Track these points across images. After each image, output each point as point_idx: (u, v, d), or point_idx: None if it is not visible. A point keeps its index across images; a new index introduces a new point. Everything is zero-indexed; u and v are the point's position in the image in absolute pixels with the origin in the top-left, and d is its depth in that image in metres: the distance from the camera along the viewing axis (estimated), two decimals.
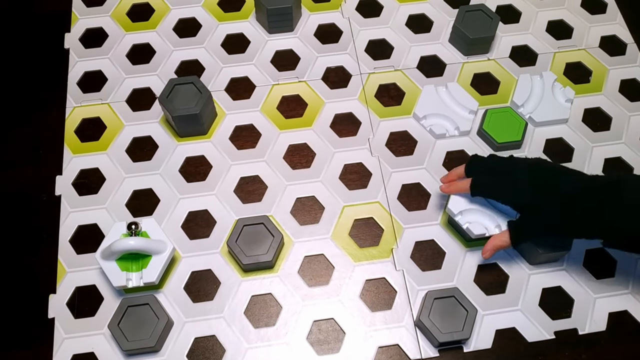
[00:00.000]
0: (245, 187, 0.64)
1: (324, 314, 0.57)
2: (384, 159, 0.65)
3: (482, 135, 0.66)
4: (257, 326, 0.57)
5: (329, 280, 0.59)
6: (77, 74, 0.70)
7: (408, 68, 0.71)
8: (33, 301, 0.58)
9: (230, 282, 0.59)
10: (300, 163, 0.65)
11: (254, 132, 0.67)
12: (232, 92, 0.69)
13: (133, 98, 0.69)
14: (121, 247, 0.54)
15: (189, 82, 0.64)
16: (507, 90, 0.70)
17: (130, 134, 0.66)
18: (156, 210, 0.62)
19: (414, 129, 0.67)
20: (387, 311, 0.58)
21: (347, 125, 0.67)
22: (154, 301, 0.55)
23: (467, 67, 0.71)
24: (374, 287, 0.59)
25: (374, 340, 0.56)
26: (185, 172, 0.64)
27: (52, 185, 0.63)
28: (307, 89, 0.69)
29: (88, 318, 0.57)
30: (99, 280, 0.59)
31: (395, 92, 0.69)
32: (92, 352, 0.56)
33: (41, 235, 0.61)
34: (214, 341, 0.56)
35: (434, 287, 0.58)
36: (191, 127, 0.65)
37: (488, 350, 0.56)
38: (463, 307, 0.55)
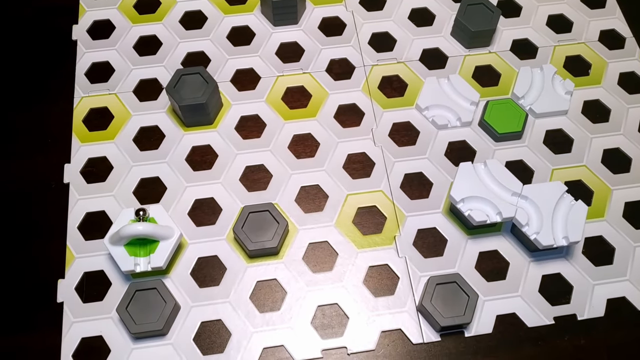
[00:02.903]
0: (251, 176, 0.65)
1: (327, 299, 0.59)
2: (387, 149, 0.66)
3: (483, 126, 0.67)
4: (263, 311, 0.58)
5: (333, 266, 0.60)
6: (85, 65, 0.71)
7: (411, 60, 0.72)
8: (42, 286, 0.59)
9: (235, 268, 0.60)
10: (305, 152, 0.66)
11: (259, 122, 0.68)
12: (237, 83, 0.70)
13: (140, 88, 0.70)
14: (129, 232, 0.55)
15: (195, 72, 0.65)
16: (508, 82, 0.71)
17: (138, 123, 0.67)
18: (163, 197, 0.63)
19: (416, 119, 0.68)
20: (390, 297, 0.59)
21: (350, 115, 0.68)
22: (162, 286, 0.56)
23: (468, 59, 0.72)
24: (377, 273, 0.60)
25: (377, 325, 0.57)
26: (192, 161, 0.65)
27: (60, 174, 0.64)
28: (312, 81, 0.70)
29: (96, 302, 0.58)
30: (107, 266, 0.60)
31: (398, 84, 0.70)
32: (100, 335, 0.57)
33: (50, 222, 0.62)
34: (220, 325, 0.57)
35: (435, 273, 0.59)
36: (197, 116, 0.66)
37: (489, 335, 0.57)
38: (464, 292, 0.56)
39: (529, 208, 0.59)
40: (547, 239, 0.57)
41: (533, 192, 0.59)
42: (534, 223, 0.58)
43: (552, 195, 0.59)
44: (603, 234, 0.62)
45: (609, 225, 0.62)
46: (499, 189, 0.60)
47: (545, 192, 0.59)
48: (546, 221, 0.58)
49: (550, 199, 0.59)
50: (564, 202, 0.59)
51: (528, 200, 0.59)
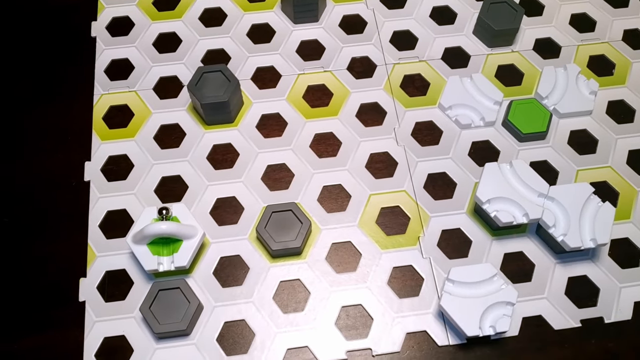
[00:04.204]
0: (272, 175, 0.64)
1: (351, 300, 0.58)
2: (409, 149, 0.65)
3: (507, 126, 0.67)
4: (286, 311, 0.57)
5: (357, 267, 0.60)
6: (104, 62, 0.71)
7: (432, 59, 0.71)
8: (64, 284, 0.58)
9: (258, 267, 0.59)
10: (327, 152, 0.65)
11: (280, 120, 0.67)
12: (258, 81, 0.70)
13: (160, 86, 0.69)
14: (153, 231, 0.55)
15: (217, 70, 0.65)
16: (531, 82, 0.70)
17: (158, 121, 0.67)
18: (185, 196, 0.63)
19: (439, 119, 0.67)
20: (415, 298, 0.58)
21: (372, 114, 0.68)
22: (185, 285, 0.56)
23: (491, 58, 0.72)
24: (401, 274, 0.59)
25: (401, 327, 0.57)
26: (213, 160, 0.65)
27: (81, 171, 0.64)
28: (333, 79, 0.70)
29: (118, 302, 0.58)
30: (129, 265, 0.59)
31: (420, 83, 0.70)
32: (122, 335, 0.56)
33: (71, 220, 0.62)
34: (244, 325, 0.57)
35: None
36: (219, 115, 0.65)
37: (515, 338, 0.57)
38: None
39: (556, 209, 0.58)
40: (575, 240, 0.57)
41: (560, 194, 0.59)
42: (561, 225, 0.58)
43: (579, 197, 0.59)
44: (629, 235, 0.61)
45: (635, 227, 0.62)
46: (525, 189, 0.59)
47: (572, 194, 0.59)
48: (573, 223, 0.57)
49: (577, 201, 0.58)
50: (591, 204, 0.58)
51: (555, 202, 0.58)
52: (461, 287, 0.56)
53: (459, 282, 0.56)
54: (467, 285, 0.56)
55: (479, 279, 0.56)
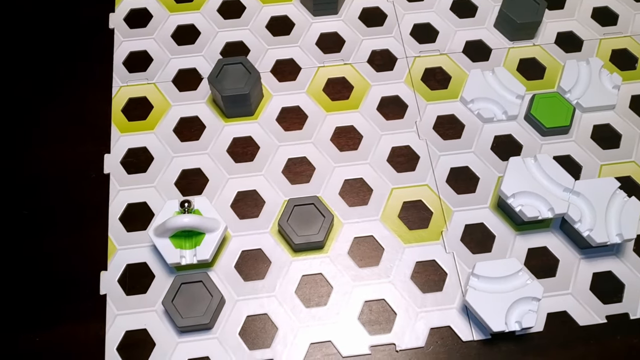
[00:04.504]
0: (293, 168, 0.64)
1: (374, 295, 0.57)
2: (431, 142, 0.65)
3: (529, 120, 0.66)
4: (309, 305, 0.57)
5: (379, 261, 0.59)
6: (123, 53, 0.70)
7: (454, 52, 0.71)
8: (85, 278, 0.58)
9: (280, 261, 0.59)
10: (348, 145, 0.65)
11: (300, 113, 0.67)
12: (277, 74, 0.69)
13: (179, 78, 0.69)
14: (176, 224, 0.54)
15: (237, 62, 0.64)
16: (553, 75, 0.69)
17: (177, 114, 0.66)
18: (205, 189, 0.62)
19: (461, 112, 0.67)
20: (438, 293, 0.58)
21: (393, 108, 0.67)
22: (207, 279, 0.55)
23: (512, 52, 0.71)
24: (424, 269, 0.59)
25: (425, 322, 0.56)
26: (233, 153, 0.64)
27: (100, 164, 0.63)
28: (353, 72, 0.69)
29: (139, 295, 0.57)
30: (150, 258, 0.59)
31: (442, 76, 0.69)
32: (144, 328, 0.56)
33: (91, 213, 0.61)
34: (266, 320, 0.56)
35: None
36: (239, 107, 0.64)
37: (539, 334, 0.56)
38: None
39: (582, 204, 0.58)
40: (601, 236, 0.56)
41: (585, 188, 0.58)
42: (587, 220, 0.57)
43: (604, 192, 0.58)
44: None
45: None
46: (550, 184, 0.58)
47: (597, 188, 0.58)
48: (599, 218, 0.57)
49: (602, 195, 0.58)
50: (617, 199, 0.58)
51: (580, 196, 0.58)
52: (486, 282, 0.55)
53: (484, 277, 0.55)
54: (492, 280, 0.55)
55: (504, 274, 0.55)
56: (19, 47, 0.71)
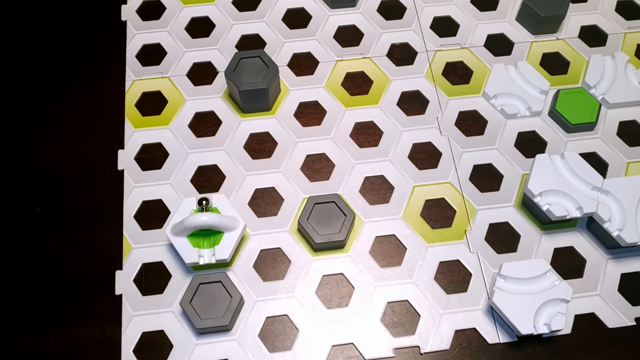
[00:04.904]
0: (312, 165, 0.62)
1: (397, 296, 0.56)
2: (453, 139, 0.63)
3: (554, 116, 0.64)
4: (330, 306, 0.55)
5: (402, 261, 0.57)
6: (136, 46, 0.68)
7: (475, 46, 0.69)
8: (100, 277, 0.56)
9: (300, 261, 0.57)
10: (368, 141, 0.63)
11: (319, 108, 0.65)
12: (294, 68, 0.67)
13: (194, 72, 0.67)
14: (194, 223, 0.53)
15: (255, 55, 0.62)
16: (578, 70, 0.67)
17: (193, 108, 0.65)
18: (222, 186, 0.60)
19: (483, 108, 0.65)
20: (463, 294, 0.56)
21: (414, 103, 0.65)
22: (226, 279, 0.54)
23: (535, 46, 0.69)
24: (448, 269, 0.57)
25: (449, 323, 0.55)
26: (250, 149, 0.63)
27: (114, 160, 0.62)
28: (372, 66, 0.67)
29: (156, 295, 0.56)
30: (166, 257, 0.57)
31: (463, 71, 0.67)
32: (161, 329, 0.54)
33: (105, 210, 0.60)
34: (286, 321, 0.55)
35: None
36: (256, 102, 0.63)
37: (567, 336, 0.55)
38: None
39: (611, 203, 0.56)
40: (632, 236, 0.54)
41: (614, 187, 0.56)
42: (617, 219, 0.55)
43: (634, 190, 0.56)
44: None
45: None
46: (577, 182, 0.57)
47: (627, 187, 0.56)
48: (629, 217, 0.55)
49: (632, 194, 0.56)
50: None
51: (609, 195, 0.56)
52: (513, 283, 0.54)
53: (511, 278, 0.54)
54: (519, 282, 0.54)
55: (531, 274, 0.54)
56: (29, 40, 0.69)
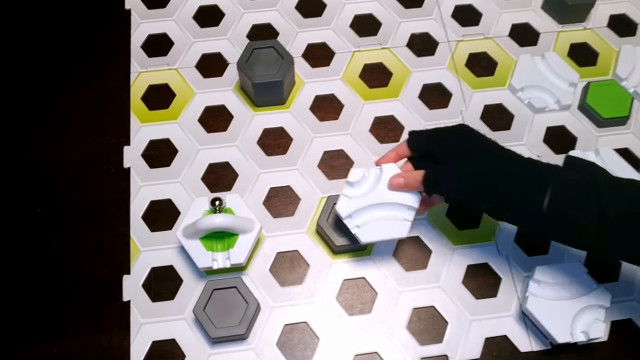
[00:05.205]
0: (330, 162, 0.59)
1: (423, 301, 0.53)
2: None
3: (584, 110, 0.61)
4: (352, 313, 0.52)
5: (427, 264, 0.54)
6: (141, 36, 0.64)
7: (499, 36, 0.65)
8: (106, 282, 0.53)
9: (319, 264, 0.54)
10: (388, 137, 0.60)
11: (336, 102, 0.61)
12: (309, 59, 0.64)
13: (203, 63, 0.63)
14: (208, 225, 0.49)
15: (269, 46, 0.59)
16: (607, 62, 0.64)
17: (202, 102, 0.61)
18: (235, 185, 0.57)
19: (509, 101, 0.62)
20: (492, 299, 0.53)
21: (436, 96, 0.62)
22: (242, 284, 0.50)
23: (562, 36, 0.66)
24: (476, 273, 0.54)
25: (479, 331, 0.52)
26: (264, 145, 0.59)
27: (119, 157, 0.58)
28: (391, 57, 0.64)
29: (167, 302, 0.52)
30: (177, 260, 0.54)
31: (487, 62, 0.64)
32: (173, 338, 0.51)
33: (110, 211, 0.56)
34: (305, 329, 0.52)
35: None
36: (270, 95, 0.59)
37: (604, 344, 0.51)
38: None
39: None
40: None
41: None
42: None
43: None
44: None
45: None
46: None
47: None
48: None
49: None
50: None
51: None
52: (548, 288, 0.50)
53: (545, 283, 0.50)
54: (554, 286, 0.50)
55: (567, 279, 0.51)
56: (28, 31, 0.65)
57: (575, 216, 0.41)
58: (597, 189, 0.41)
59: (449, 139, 0.48)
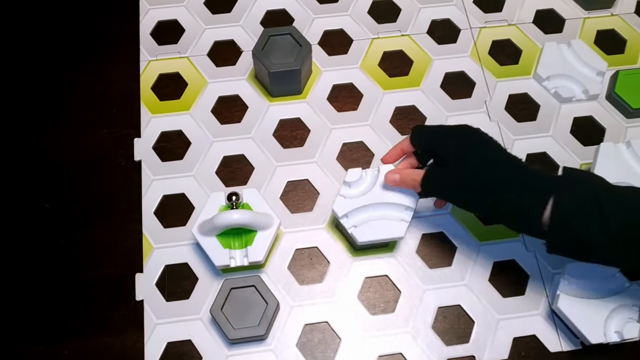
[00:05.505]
0: (349, 155, 0.56)
1: (448, 300, 0.51)
2: (504, 125, 0.57)
3: (612, 100, 0.59)
4: (374, 312, 0.50)
5: (452, 261, 0.52)
6: (150, 23, 0.62)
7: (523, 23, 0.63)
8: (118, 281, 0.51)
9: (339, 261, 0.52)
10: (409, 128, 0.57)
11: (354, 92, 0.59)
12: (326, 46, 0.61)
13: (215, 51, 0.61)
14: (225, 221, 0.47)
15: (285, 33, 0.56)
16: (636, 49, 0.62)
17: (215, 92, 0.59)
18: (250, 179, 0.55)
19: (534, 91, 0.59)
20: (520, 297, 0.51)
21: (459, 85, 0.59)
22: (260, 283, 0.48)
23: (588, 23, 0.63)
24: (503, 270, 0.52)
25: (507, 330, 0.50)
26: (280, 137, 0.57)
27: (129, 150, 0.56)
28: (412, 44, 0.61)
29: (181, 301, 0.50)
30: (191, 258, 0.52)
31: (511, 50, 0.61)
32: (189, 339, 0.49)
33: (121, 206, 0.54)
34: (326, 329, 0.50)
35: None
36: (287, 85, 0.57)
37: (637, 343, 0.49)
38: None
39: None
40: None
41: None
42: None
43: None
44: None
45: None
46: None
47: None
48: None
49: None
50: None
51: None
52: (579, 286, 0.48)
53: (576, 280, 0.48)
54: (585, 284, 0.48)
55: (599, 276, 0.48)
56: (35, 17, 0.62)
57: (578, 227, 0.40)
58: (599, 200, 0.40)
59: (450, 138, 0.46)
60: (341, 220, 0.48)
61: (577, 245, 0.41)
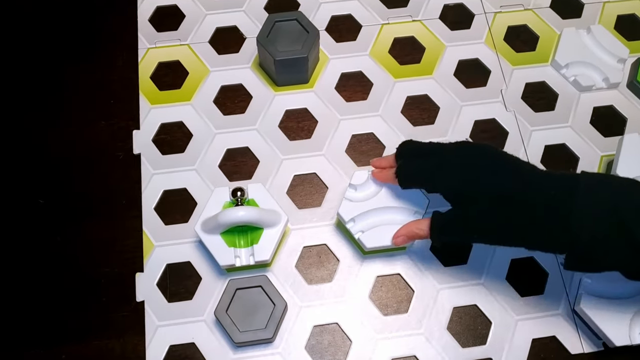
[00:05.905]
0: (359, 147, 0.54)
1: (464, 300, 0.48)
2: (521, 115, 0.55)
3: (634, 88, 0.56)
4: (386, 313, 0.48)
5: (467, 259, 0.50)
6: (148, 8, 0.59)
7: (540, 7, 0.60)
8: (117, 281, 0.48)
9: (349, 259, 0.49)
10: (422, 118, 0.55)
11: (364, 80, 0.56)
12: (333, 33, 0.58)
13: (217, 38, 0.58)
14: (230, 219, 0.45)
15: (292, 18, 0.53)
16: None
17: (218, 81, 0.56)
18: (255, 173, 0.52)
19: (552, 79, 0.57)
20: (538, 297, 0.49)
21: (473, 73, 0.57)
22: (267, 283, 0.46)
23: (608, 7, 0.60)
24: (520, 268, 0.50)
25: (525, 331, 0.47)
26: (286, 128, 0.54)
27: (128, 142, 0.53)
28: (424, 30, 0.58)
29: (184, 302, 0.48)
30: (194, 256, 0.49)
31: (528, 36, 0.59)
32: (192, 342, 0.47)
33: (120, 201, 0.51)
34: (336, 330, 0.47)
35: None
36: (293, 73, 0.54)
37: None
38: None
39: None
40: None
41: None
42: None
43: None
44: None
45: None
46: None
47: None
48: None
49: None
50: None
51: None
52: (601, 285, 0.46)
53: (598, 280, 0.46)
54: (608, 284, 0.46)
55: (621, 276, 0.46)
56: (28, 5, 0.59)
57: (603, 253, 0.38)
58: (623, 222, 0.37)
59: (444, 169, 0.43)
60: (347, 226, 0.46)
61: (600, 268, 0.40)
